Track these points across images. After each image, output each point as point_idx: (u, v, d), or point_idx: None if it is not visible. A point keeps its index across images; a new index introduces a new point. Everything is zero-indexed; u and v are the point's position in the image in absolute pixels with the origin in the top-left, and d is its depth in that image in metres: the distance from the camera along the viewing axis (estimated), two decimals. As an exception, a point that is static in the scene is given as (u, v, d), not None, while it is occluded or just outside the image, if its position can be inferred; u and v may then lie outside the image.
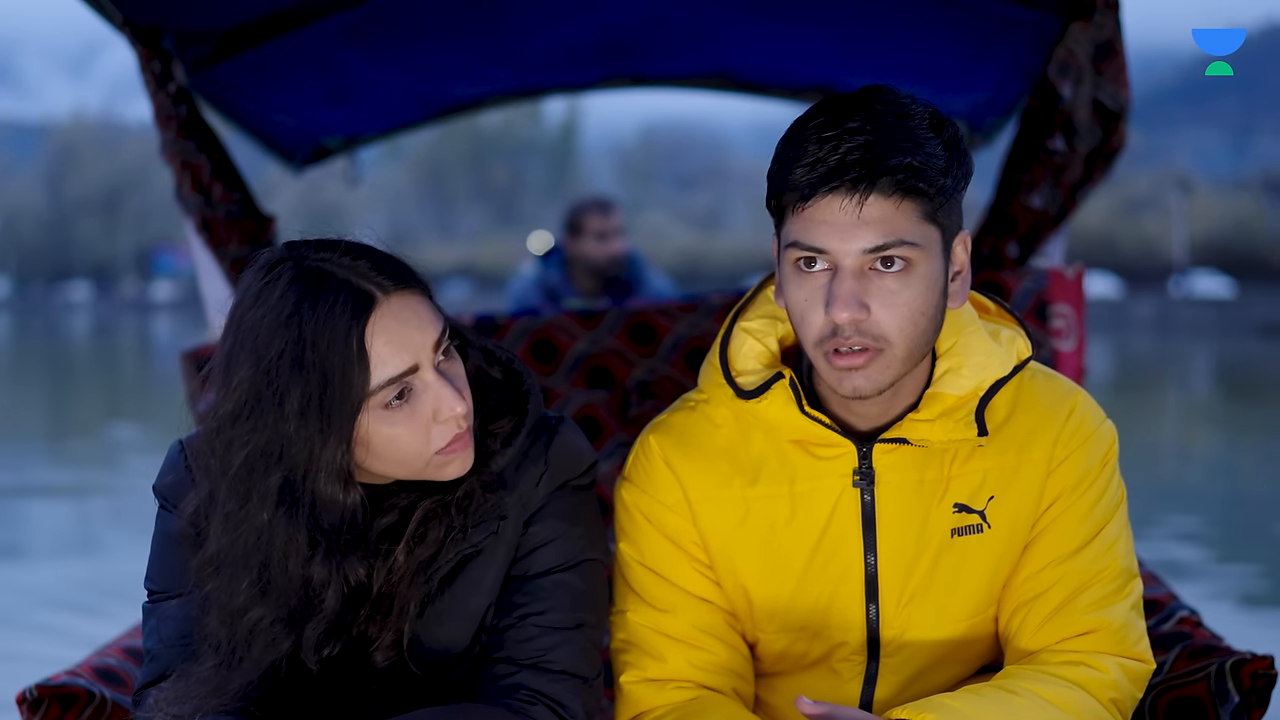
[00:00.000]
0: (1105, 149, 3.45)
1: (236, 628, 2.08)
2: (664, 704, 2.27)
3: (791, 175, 2.03)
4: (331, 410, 1.98)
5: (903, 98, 2.07)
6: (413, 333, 2.04)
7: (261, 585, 2.06)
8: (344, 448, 2.00)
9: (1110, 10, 3.28)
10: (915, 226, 2.02)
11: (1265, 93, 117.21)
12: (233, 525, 2.05)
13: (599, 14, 4.20)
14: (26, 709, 2.46)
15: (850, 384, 2.07)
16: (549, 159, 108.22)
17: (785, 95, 5.06)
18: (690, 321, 3.63)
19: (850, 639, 2.27)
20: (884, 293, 2.03)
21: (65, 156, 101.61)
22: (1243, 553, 9.55)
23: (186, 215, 3.59)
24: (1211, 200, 73.75)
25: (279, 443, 2.00)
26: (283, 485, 2.02)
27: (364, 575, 2.12)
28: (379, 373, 2.00)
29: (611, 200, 6.68)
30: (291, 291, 2.01)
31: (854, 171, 1.98)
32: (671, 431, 2.32)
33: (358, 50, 4.18)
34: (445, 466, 2.10)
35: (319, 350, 1.98)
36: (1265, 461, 14.90)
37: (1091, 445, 2.22)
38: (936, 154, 2.01)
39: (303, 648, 2.12)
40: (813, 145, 2.01)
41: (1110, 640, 2.18)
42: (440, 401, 2.05)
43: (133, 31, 3.37)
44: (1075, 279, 3.54)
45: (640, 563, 2.31)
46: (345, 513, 2.06)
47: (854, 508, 2.21)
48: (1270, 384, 26.11)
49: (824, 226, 2.02)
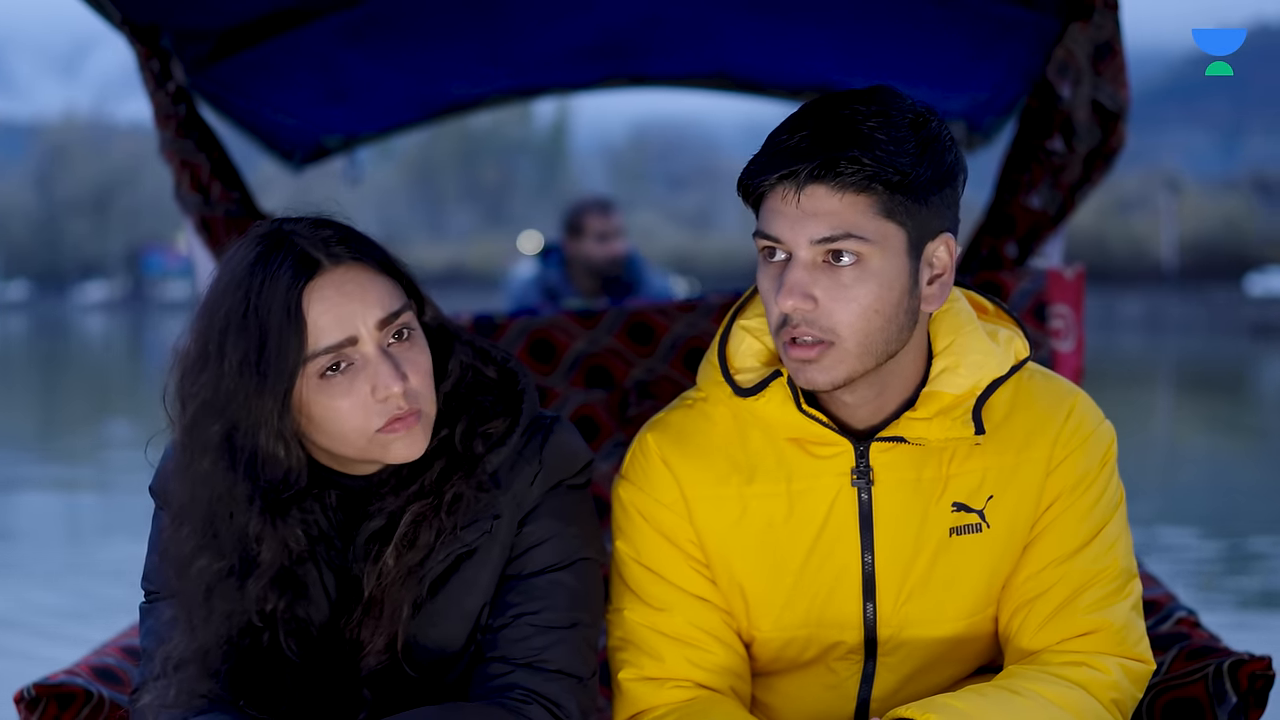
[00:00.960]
0: (1104, 149, 3.45)
1: (186, 576, 2.11)
2: (663, 703, 2.27)
3: (751, 164, 2.07)
4: (267, 370, 2.03)
5: (894, 97, 2.07)
6: (353, 304, 2.08)
7: (206, 535, 2.09)
8: (280, 408, 2.05)
9: (1109, 11, 3.28)
10: (868, 222, 2.02)
11: (1255, 93, 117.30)
12: (183, 476, 2.11)
13: (597, 14, 4.20)
14: (24, 708, 2.46)
15: (805, 375, 2.10)
16: (539, 159, 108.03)
17: (784, 95, 5.04)
18: (689, 321, 3.64)
19: (847, 638, 2.27)
20: (835, 286, 2.04)
21: (55, 156, 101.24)
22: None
23: (185, 214, 3.60)
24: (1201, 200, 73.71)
25: (221, 396, 2.05)
26: (224, 437, 2.07)
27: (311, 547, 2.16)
28: (315, 340, 2.05)
29: (611, 201, 6.73)
30: (250, 254, 2.09)
31: (797, 161, 2.01)
32: (669, 430, 2.32)
33: (357, 49, 4.18)
34: (389, 447, 2.11)
35: (260, 310, 2.04)
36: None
37: (1091, 445, 2.22)
38: (904, 153, 2.02)
39: (274, 621, 2.14)
40: (779, 136, 2.06)
41: (1111, 641, 2.18)
42: (377, 378, 2.07)
43: (131, 30, 3.37)
44: (1074, 279, 3.54)
45: (637, 561, 2.31)
46: (288, 473, 2.09)
47: (851, 506, 2.21)
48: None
49: (777, 216, 2.05)
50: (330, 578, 2.19)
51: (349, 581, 2.19)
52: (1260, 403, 22.52)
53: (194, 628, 2.12)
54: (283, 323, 2.03)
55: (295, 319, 2.04)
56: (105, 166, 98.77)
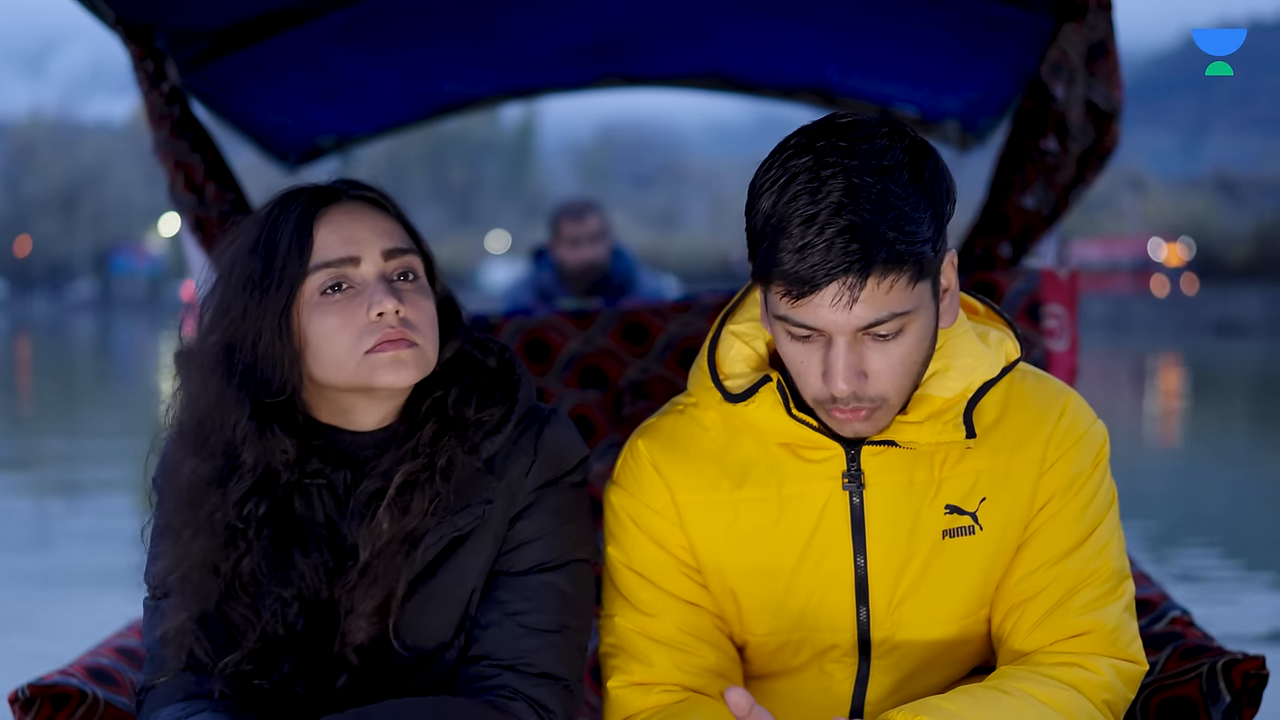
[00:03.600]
0: (1098, 149, 3.44)
1: (175, 483, 2.17)
2: (649, 707, 2.27)
3: (778, 265, 1.98)
4: (269, 283, 2.11)
5: (879, 139, 2.00)
6: (362, 230, 2.16)
7: (197, 441, 2.15)
8: (279, 320, 2.11)
9: (1103, 11, 3.28)
10: (905, 295, 1.99)
11: (1218, 94, 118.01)
12: (186, 388, 2.19)
13: (592, 14, 4.19)
14: (19, 708, 2.44)
15: (851, 429, 2.11)
16: (506, 159, 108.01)
17: (778, 95, 5.05)
18: (683, 321, 3.63)
19: (841, 641, 2.27)
20: (880, 355, 2.03)
21: (21, 156, 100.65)
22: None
23: (180, 214, 3.59)
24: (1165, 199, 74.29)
25: (224, 308, 2.14)
26: (223, 347, 2.14)
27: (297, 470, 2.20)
28: (318, 255, 2.12)
29: (588, 204, 6.65)
30: (272, 200, 2.21)
31: (843, 267, 1.94)
32: (659, 435, 2.32)
33: (351, 50, 4.16)
34: (376, 369, 2.13)
35: (273, 235, 2.14)
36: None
37: (1083, 446, 2.22)
38: (921, 219, 1.97)
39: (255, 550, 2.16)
40: (797, 229, 1.96)
41: (1103, 642, 2.18)
42: (373, 297, 2.11)
43: (126, 30, 3.35)
44: (1068, 279, 3.54)
45: (628, 566, 2.31)
46: (283, 385, 2.14)
47: (843, 510, 2.20)
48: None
49: (818, 310, 1.99)
50: (325, 545, 2.20)
51: (348, 550, 2.20)
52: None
53: (178, 536, 2.15)
54: (291, 240, 2.12)
55: (303, 237, 2.13)
56: (72, 166, 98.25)
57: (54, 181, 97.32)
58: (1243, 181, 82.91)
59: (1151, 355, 32.51)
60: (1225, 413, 20.24)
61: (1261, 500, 12.20)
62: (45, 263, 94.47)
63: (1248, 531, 10.46)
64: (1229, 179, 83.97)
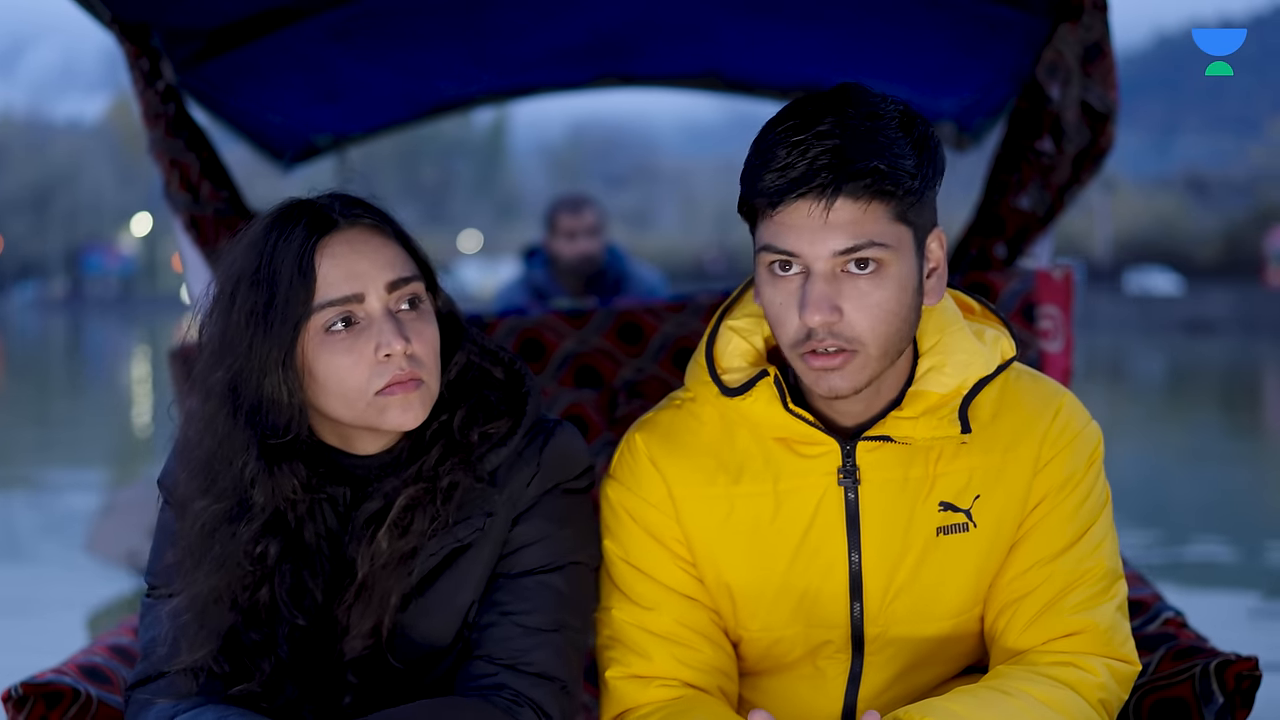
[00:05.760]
0: (1093, 150, 3.45)
1: (185, 517, 2.15)
2: (649, 701, 2.27)
3: (761, 181, 2.04)
4: (274, 319, 2.07)
5: (874, 97, 2.07)
6: (364, 263, 2.12)
7: (206, 479, 2.13)
8: (284, 358, 2.08)
9: (1098, 12, 3.29)
10: (886, 227, 2.03)
11: (1188, 93, 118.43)
12: (191, 420, 2.15)
13: (587, 14, 4.20)
14: (12, 707, 2.43)
15: (827, 384, 2.09)
16: (478, 158, 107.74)
17: (774, 95, 5.05)
18: (678, 321, 3.63)
19: (834, 636, 2.28)
20: (856, 294, 2.04)
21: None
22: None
23: (174, 213, 3.57)
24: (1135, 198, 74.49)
25: (228, 343, 2.10)
26: (228, 384, 2.10)
27: (325, 529, 2.19)
28: (323, 292, 2.08)
29: (585, 198, 6.65)
30: (268, 218, 2.15)
31: (821, 177, 1.99)
32: (657, 429, 2.32)
33: (347, 49, 4.16)
34: (386, 411, 2.11)
35: (274, 264, 2.09)
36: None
37: (1078, 446, 2.23)
38: (906, 154, 2.03)
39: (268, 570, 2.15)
40: (782, 150, 2.03)
41: (1097, 641, 2.19)
42: (380, 336, 2.09)
43: (121, 29, 3.34)
44: (1063, 280, 3.55)
45: (625, 560, 2.31)
46: (289, 423, 2.11)
47: (838, 505, 2.21)
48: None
49: (794, 230, 2.03)
50: (328, 561, 2.19)
51: (345, 565, 2.19)
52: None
53: (192, 574, 2.13)
54: (293, 274, 2.08)
55: (306, 271, 2.08)
56: (43, 166, 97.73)
57: (25, 181, 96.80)
58: (1212, 181, 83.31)
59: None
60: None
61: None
62: (17, 262, 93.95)
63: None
64: (1199, 178, 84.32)
